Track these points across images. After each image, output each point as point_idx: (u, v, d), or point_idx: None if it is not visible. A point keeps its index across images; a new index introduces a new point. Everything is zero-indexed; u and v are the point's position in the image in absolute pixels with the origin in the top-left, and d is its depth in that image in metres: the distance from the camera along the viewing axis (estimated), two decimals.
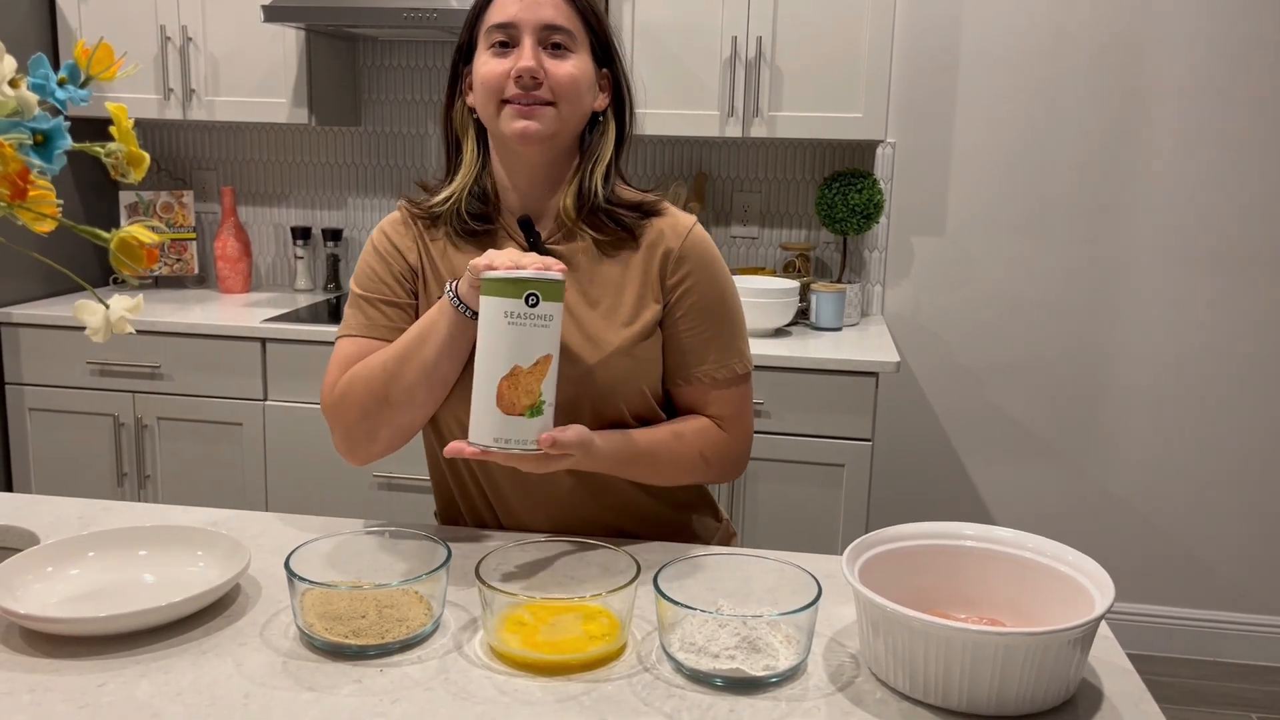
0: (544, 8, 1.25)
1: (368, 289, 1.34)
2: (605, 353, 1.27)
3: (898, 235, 3.01)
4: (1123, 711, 0.92)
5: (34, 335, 2.80)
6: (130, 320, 0.72)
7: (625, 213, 1.31)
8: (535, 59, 1.23)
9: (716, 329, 1.33)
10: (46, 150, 0.63)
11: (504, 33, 1.25)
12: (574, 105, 1.27)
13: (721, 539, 1.48)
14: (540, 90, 1.24)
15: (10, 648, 0.98)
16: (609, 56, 1.33)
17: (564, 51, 1.26)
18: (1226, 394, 2.93)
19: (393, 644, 0.99)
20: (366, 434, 1.27)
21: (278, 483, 2.76)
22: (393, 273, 1.34)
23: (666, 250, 1.31)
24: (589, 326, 1.28)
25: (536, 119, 1.24)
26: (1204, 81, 2.80)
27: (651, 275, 1.31)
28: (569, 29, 1.26)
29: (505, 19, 1.25)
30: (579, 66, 1.27)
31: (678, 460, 1.31)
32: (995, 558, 1.06)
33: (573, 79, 1.25)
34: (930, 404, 3.07)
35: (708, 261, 1.33)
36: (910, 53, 2.92)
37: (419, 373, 1.23)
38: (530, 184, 1.31)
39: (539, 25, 1.25)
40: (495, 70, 1.25)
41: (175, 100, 2.91)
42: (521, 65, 1.23)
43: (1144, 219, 2.89)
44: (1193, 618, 3.03)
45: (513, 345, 1.10)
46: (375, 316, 1.32)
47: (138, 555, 1.15)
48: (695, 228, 1.33)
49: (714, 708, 0.91)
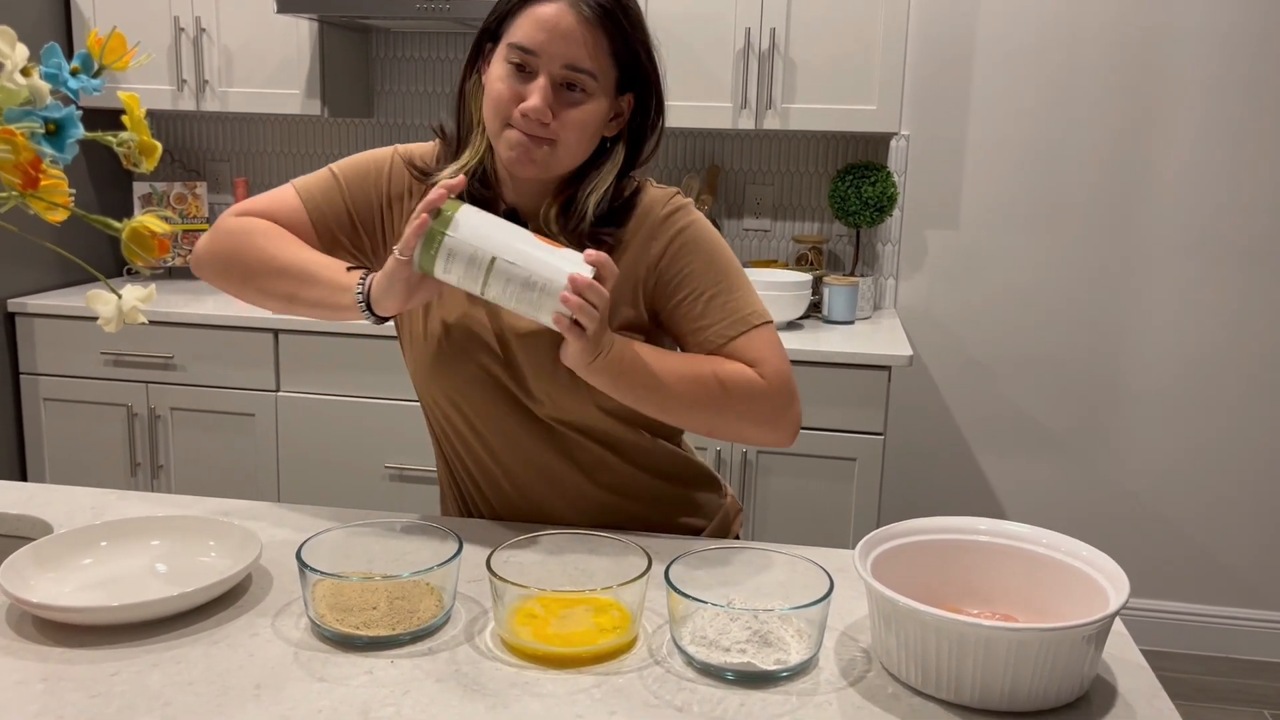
0: (574, 45, 1.16)
1: (349, 181, 1.31)
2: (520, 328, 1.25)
3: (911, 228, 3.00)
4: (1136, 708, 0.92)
5: (48, 325, 2.81)
6: (142, 310, 0.72)
7: (605, 234, 1.24)
8: (545, 100, 1.15)
9: (715, 289, 1.26)
10: (59, 139, 0.63)
11: (523, 56, 1.17)
12: (575, 148, 1.20)
13: (726, 517, 1.45)
14: (544, 130, 1.17)
15: (23, 636, 0.98)
16: (633, 83, 1.24)
17: (580, 95, 1.18)
18: (1242, 391, 2.91)
19: (403, 635, 0.99)
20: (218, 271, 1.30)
21: (290, 473, 2.77)
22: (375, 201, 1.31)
23: (646, 232, 1.26)
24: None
25: (534, 155, 1.18)
26: (1221, 75, 2.77)
27: (637, 264, 1.27)
28: (592, 71, 1.17)
29: (529, 43, 1.16)
30: (591, 112, 1.19)
31: (698, 381, 1.21)
32: (1009, 553, 1.05)
33: (580, 125, 1.18)
34: (943, 398, 3.06)
35: (690, 230, 1.27)
36: (925, 45, 2.90)
37: (285, 296, 1.24)
38: (526, 187, 1.27)
39: (562, 63, 1.16)
40: (504, 92, 1.18)
41: (189, 91, 2.92)
42: (528, 106, 1.15)
43: (1160, 214, 2.87)
44: (1206, 614, 3.02)
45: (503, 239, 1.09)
46: (330, 203, 1.30)
47: (150, 545, 1.15)
48: (673, 202, 1.28)
49: (725, 701, 0.91)
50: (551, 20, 1.15)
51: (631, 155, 1.27)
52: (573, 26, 1.15)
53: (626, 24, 1.19)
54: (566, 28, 1.15)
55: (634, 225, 1.27)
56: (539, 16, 1.16)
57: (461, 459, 1.35)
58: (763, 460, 2.55)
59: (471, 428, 1.31)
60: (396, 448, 2.70)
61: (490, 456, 1.32)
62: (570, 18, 1.16)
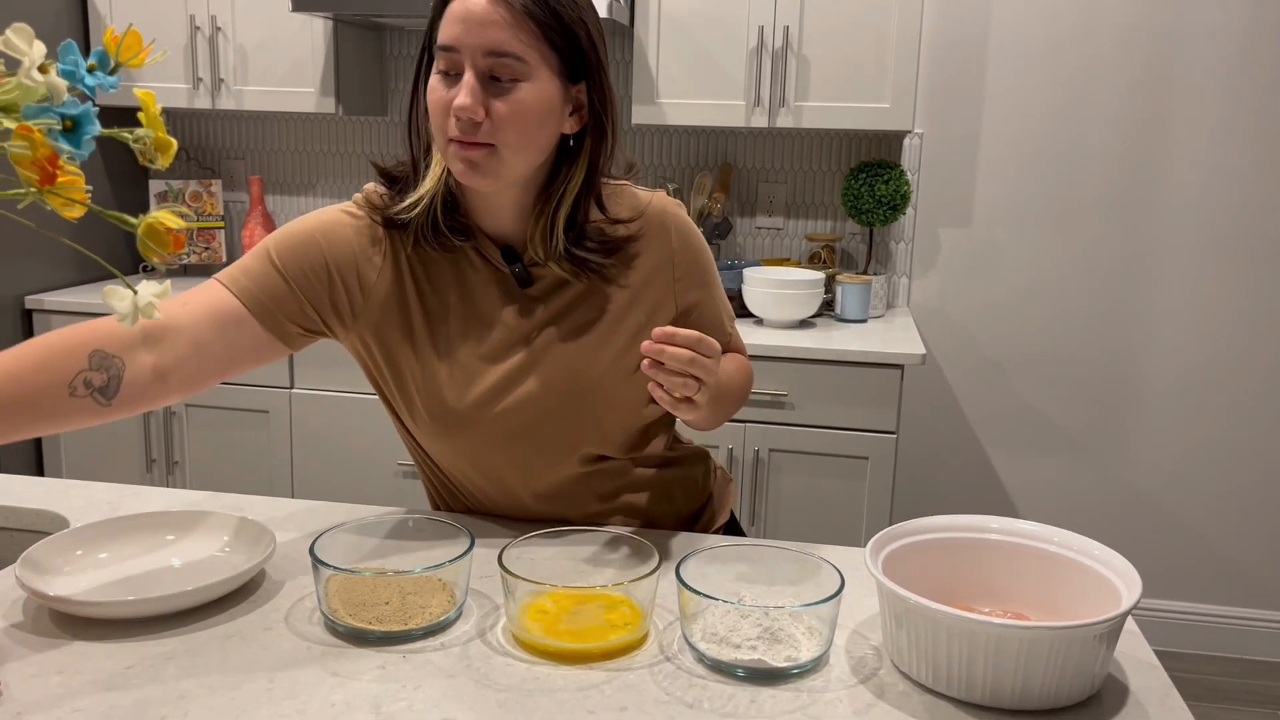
0: (490, 28, 1.07)
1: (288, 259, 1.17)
2: (600, 370, 1.22)
3: (924, 227, 2.99)
4: (1148, 707, 0.91)
5: (64, 322, 2.83)
6: (158, 306, 0.73)
7: (597, 260, 1.19)
8: (472, 96, 1.07)
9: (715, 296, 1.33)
10: (75, 136, 0.64)
11: (447, 56, 1.09)
12: (520, 145, 1.11)
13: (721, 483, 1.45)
14: (480, 130, 1.09)
15: (39, 630, 0.99)
16: (583, 71, 1.14)
17: (511, 83, 1.09)
18: (1254, 389, 2.90)
19: (415, 630, 0.99)
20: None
21: (303, 470, 2.78)
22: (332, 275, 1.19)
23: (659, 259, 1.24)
24: (578, 353, 1.22)
25: (477, 161, 1.10)
26: (1235, 72, 2.76)
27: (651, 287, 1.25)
28: (517, 53, 1.08)
29: (448, 39, 1.08)
30: (529, 97, 1.09)
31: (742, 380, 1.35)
32: (1020, 551, 1.05)
33: (516, 115, 1.09)
34: (955, 397, 3.05)
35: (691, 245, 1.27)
36: (938, 43, 2.89)
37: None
38: (497, 212, 1.20)
39: (483, 51, 1.07)
40: (438, 100, 1.11)
41: (204, 89, 2.93)
42: (456, 103, 1.07)
43: (1174, 212, 2.86)
44: (1218, 614, 3.00)
45: None
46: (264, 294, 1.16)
47: (165, 540, 1.16)
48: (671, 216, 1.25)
49: (735, 698, 0.91)
50: (467, 9, 1.08)
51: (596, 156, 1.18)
52: (487, 10, 1.07)
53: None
54: (481, 13, 1.07)
55: (641, 227, 1.24)
56: (453, 11, 1.09)
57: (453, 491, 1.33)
58: (774, 459, 2.55)
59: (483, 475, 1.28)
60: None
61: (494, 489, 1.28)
62: (483, 2, 1.07)
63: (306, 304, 1.18)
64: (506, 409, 1.21)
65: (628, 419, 1.26)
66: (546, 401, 1.21)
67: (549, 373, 1.21)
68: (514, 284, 1.22)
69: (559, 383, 1.21)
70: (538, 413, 1.22)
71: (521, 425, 1.22)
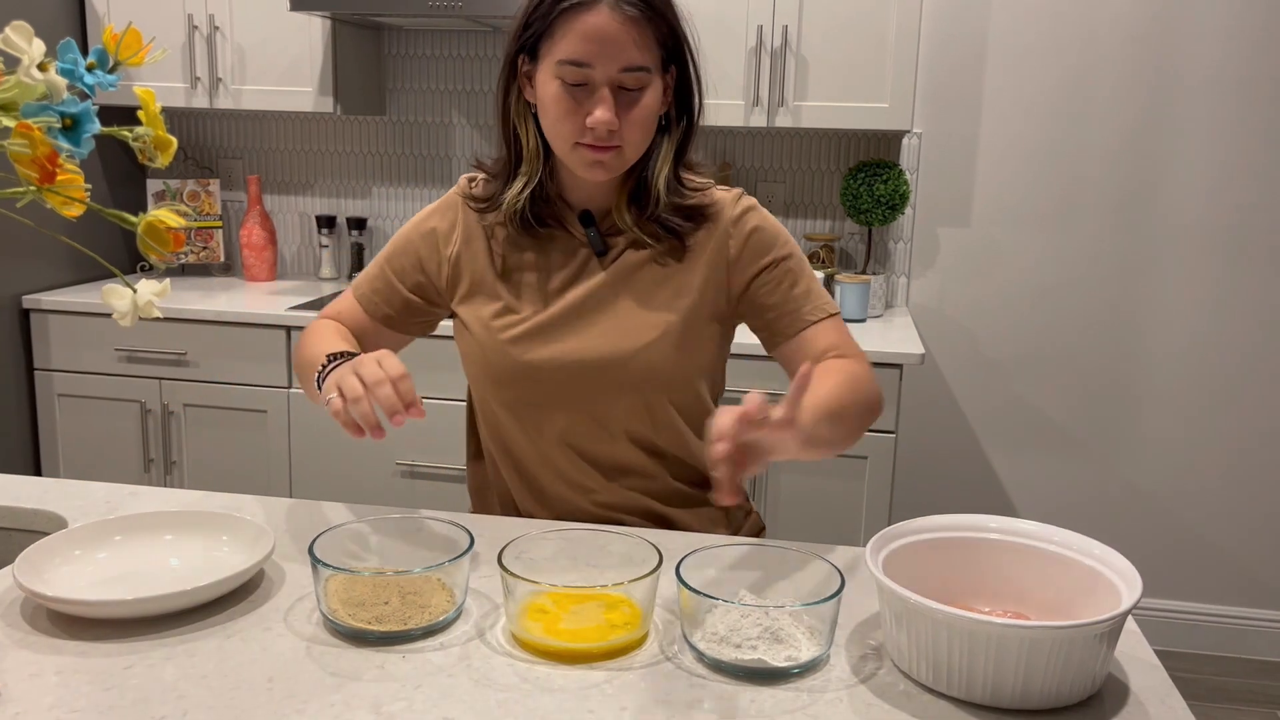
0: (624, 48, 1.17)
1: (393, 259, 1.38)
2: (652, 337, 1.28)
3: (923, 226, 2.99)
4: (1149, 707, 0.91)
5: (62, 322, 2.82)
6: (157, 305, 0.73)
7: (677, 221, 1.29)
8: (613, 112, 1.18)
9: (794, 279, 1.31)
10: (75, 134, 0.64)
11: (577, 71, 1.17)
12: (643, 144, 1.24)
13: (751, 531, 1.47)
14: (614, 137, 1.20)
15: (38, 630, 0.99)
16: (678, 58, 1.26)
17: (639, 93, 1.20)
18: (1254, 389, 2.90)
19: (415, 630, 0.99)
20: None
21: (301, 470, 2.77)
22: (423, 264, 1.36)
23: (717, 239, 1.30)
24: (637, 320, 1.29)
25: (608, 163, 1.22)
26: (1235, 72, 2.76)
27: (708, 263, 1.30)
28: (646, 65, 1.19)
29: (583, 57, 1.17)
30: (652, 101, 1.22)
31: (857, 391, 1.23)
32: (1020, 551, 1.05)
33: (645, 122, 1.22)
34: (955, 396, 3.05)
35: (759, 227, 1.31)
36: (937, 42, 2.89)
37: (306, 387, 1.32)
38: (594, 189, 1.31)
39: (618, 68, 1.17)
40: (567, 111, 1.19)
41: (202, 89, 2.93)
42: (599, 119, 1.17)
43: (1173, 211, 2.86)
44: (1218, 613, 3.00)
45: None
46: (375, 294, 1.38)
47: (163, 540, 1.16)
48: (741, 203, 1.32)
49: (735, 698, 0.91)
50: (600, 29, 1.16)
51: (685, 126, 1.29)
52: (620, 30, 1.16)
53: (662, 6, 1.21)
54: (615, 33, 1.16)
55: (710, 228, 1.31)
56: (586, 28, 1.16)
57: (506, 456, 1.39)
58: None
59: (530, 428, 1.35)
60: (408, 445, 2.71)
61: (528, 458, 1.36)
62: (616, 22, 1.17)
63: (411, 295, 1.37)
64: (563, 364, 1.28)
65: (676, 397, 1.31)
66: (598, 364, 1.28)
67: (604, 336, 1.28)
68: (588, 253, 1.31)
69: (611, 347, 1.28)
70: (589, 375, 1.28)
71: (575, 386, 1.29)
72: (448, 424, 2.65)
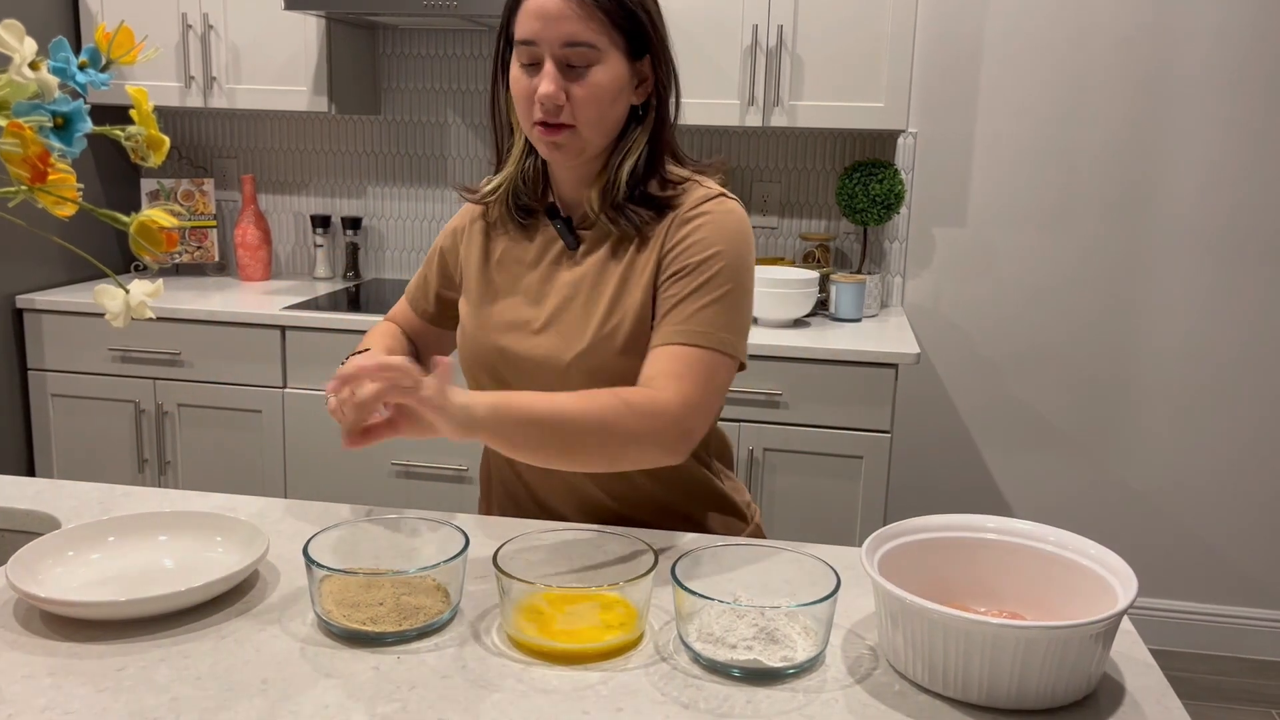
0: (565, 21, 1.19)
1: (429, 257, 1.48)
2: (612, 329, 1.26)
3: (918, 226, 2.99)
4: (1144, 707, 0.91)
5: (56, 322, 2.82)
6: (150, 306, 0.72)
7: (639, 210, 1.27)
8: (555, 83, 1.20)
9: (693, 294, 1.22)
10: (67, 133, 0.63)
11: (527, 50, 1.22)
12: (599, 121, 1.24)
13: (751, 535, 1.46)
14: (563, 114, 1.21)
15: (31, 631, 0.99)
16: (647, 46, 1.26)
17: (586, 69, 1.21)
18: (1249, 388, 2.90)
19: (410, 631, 0.99)
20: None
21: (296, 470, 2.77)
22: (445, 257, 1.45)
23: (665, 232, 1.27)
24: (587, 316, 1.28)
25: (561, 143, 1.23)
26: (1228, 71, 2.76)
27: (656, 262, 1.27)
28: (590, 41, 1.20)
29: (527, 34, 1.21)
30: (603, 78, 1.21)
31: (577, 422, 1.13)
32: (1016, 551, 1.05)
33: (592, 98, 1.21)
34: (950, 396, 3.05)
35: (709, 227, 1.25)
36: (933, 42, 2.89)
37: None
38: (569, 179, 1.33)
39: (559, 42, 1.20)
40: (522, 89, 1.24)
41: (196, 88, 2.92)
42: (541, 92, 1.20)
43: (1168, 210, 2.86)
44: (1213, 613, 3.01)
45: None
46: (417, 290, 1.50)
47: (158, 540, 1.16)
48: (711, 202, 1.27)
49: (731, 698, 0.91)
50: (540, 7, 1.20)
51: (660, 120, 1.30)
52: (561, 6, 1.20)
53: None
54: (556, 9, 1.20)
55: (670, 216, 1.29)
56: (530, 9, 1.21)
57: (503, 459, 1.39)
58: (769, 458, 2.55)
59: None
60: (403, 445, 2.70)
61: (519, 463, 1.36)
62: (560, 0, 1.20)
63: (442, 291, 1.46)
64: (529, 357, 1.30)
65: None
66: (553, 359, 1.29)
67: (564, 331, 1.29)
68: (563, 245, 1.33)
69: (566, 343, 1.29)
70: (549, 370, 1.29)
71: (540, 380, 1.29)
72: None
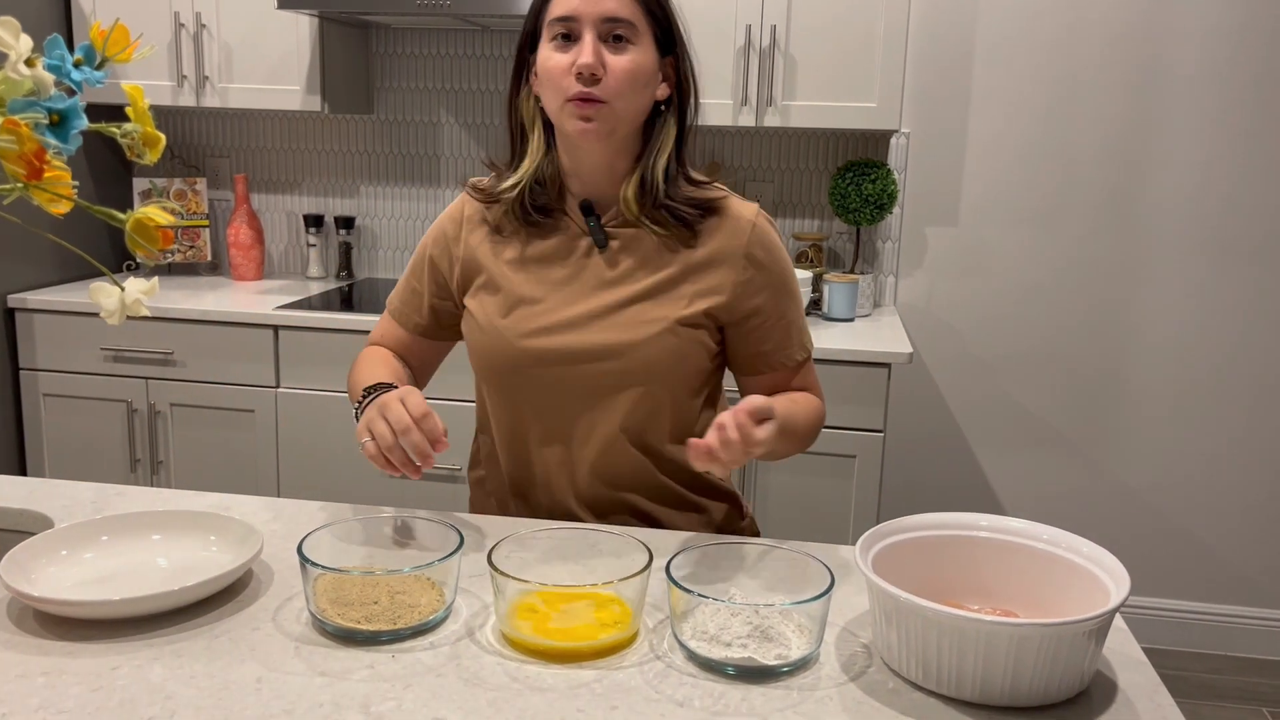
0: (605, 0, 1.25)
1: (414, 268, 1.45)
2: (652, 331, 1.29)
3: (911, 226, 3.00)
4: (1137, 704, 0.92)
5: (48, 321, 2.81)
6: (145, 303, 0.72)
7: (686, 210, 1.32)
8: (595, 54, 1.24)
9: (789, 316, 1.37)
10: (62, 130, 0.63)
11: (565, 25, 1.25)
12: (631, 100, 1.27)
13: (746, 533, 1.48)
14: (599, 88, 1.24)
15: (24, 630, 0.98)
16: (672, 44, 1.32)
17: (624, 44, 1.26)
18: (1242, 386, 2.91)
19: (404, 630, 0.99)
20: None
21: (289, 470, 2.76)
22: (435, 264, 1.41)
23: (731, 248, 1.33)
24: (638, 312, 1.31)
25: (595, 119, 1.25)
26: (1222, 71, 2.77)
27: (712, 270, 1.32)
28: (630, 20, 1.26)
29: (566, 11, 1.25)
30: (639, 59, 1.26)
31: (810, 420, 1.36)
32: (1010, 549, 1.05)
33: (630, 73, 1.25)
34: (943, 395, 3.06)
35: (774, 254, 1.35)
36: (925, 42, 2.90)
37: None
38: (593, 173, 1.33)
39: (600, 17, 1.24)
40: (557, 64, 1.25)
41: (189, 87, 2.91)
42: (581, 61, 1.23)
43: (1160, 209, 2.87)
44: (1206, 611, 3.02)
45: None
46: (404, 305, 1.45)
47: (151, 539, 1.15)
48: (758, 222, 1.35)
49: (726, 696, 0.91)
50: None
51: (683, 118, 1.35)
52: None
53: None
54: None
55: (717, 223, 1.34)
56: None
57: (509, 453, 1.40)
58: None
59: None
60: None
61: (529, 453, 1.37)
62: None
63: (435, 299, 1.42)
64: (562, 351, 1.31)
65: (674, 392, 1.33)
66: (599, 353, 1.30)
67: (606, 328, 1.30)
68: (589, 244, 1.34)
69: (612, 336, 1.30)
70: (590, 365, 1.30)
71: (575, 376, 1.31)
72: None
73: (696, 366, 1.34)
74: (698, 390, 1.37)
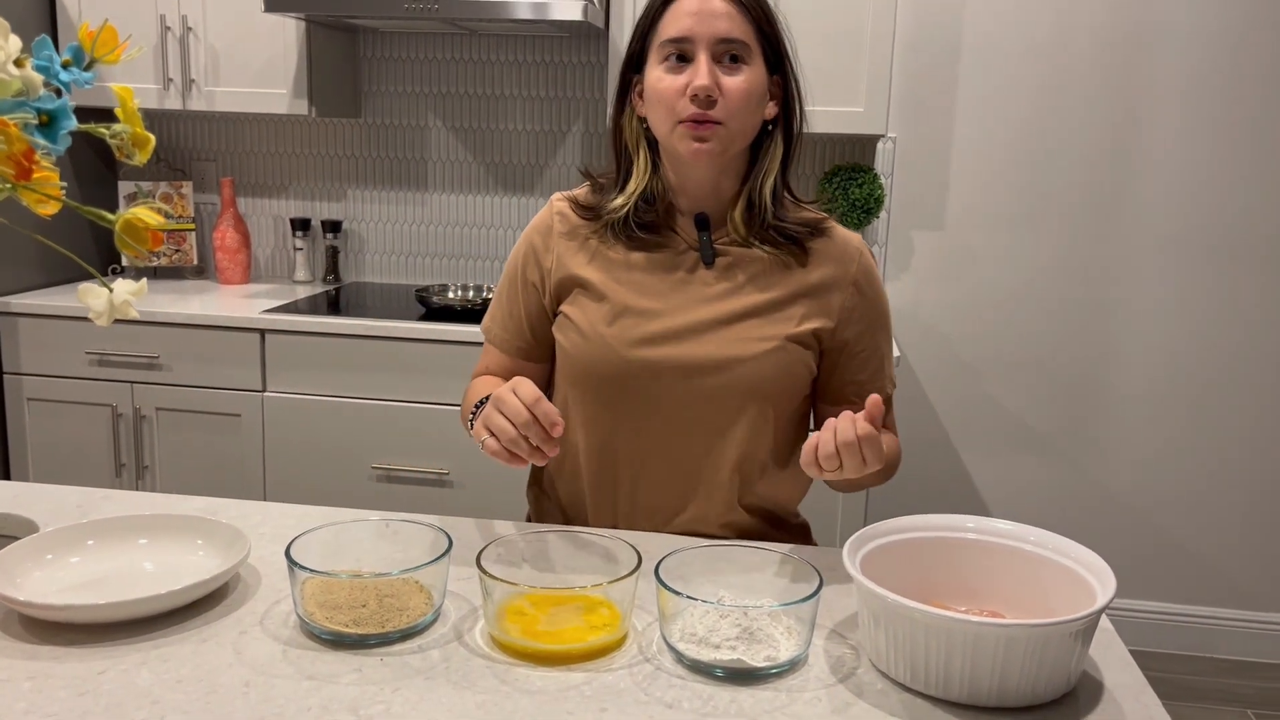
0: (719, 20, 1.25)
1: (506, 290, 1.43)
2: (764, 348, 1.30)
3: (898, 230, 3.01)
4: (1123, 704, 0.92)
5: (32, 325, 2.79)
6: (134, 305, 0.72)
7: (796, 229, 1.33)
8: (711, 76, 1.23)
9: (883, 350, 1.38)
10: (51, 131, 0.63)
11: (678, 46, 1.25)
12: (745, 120, 1.27)
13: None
14: (714, 109, 1.24)
15: (10, 635, 0.98)
16: (780, 62, 1.33)
17: (738, 64, 1.26)
18: (1225, 390, 2.93)
19: (393, 633, 0.99)
20: None
21: (276, 474, 2.75)
22: (528, 279, 1.40)
23: (840, 275, 1.34)
24: (749, 328, 1.31)
25: (710, 139, 1.25)
26: (1207, 77, 2.79)
27: (822, 293, 1.33)
28: (743, 39, 1.26)
29: (680, 33, 1.25)
30: (752, 79, 1.27)
31: (892, 458, 1.33)
32: (996, 550, 1.06)
33: (745, 93, 1.26)
34: (929, 398, 3.07)
35: (876, 287, 1.37)
36: (912, 46, 2.91)
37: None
38: (698, 190, 1.33)
39: (714, 38, 1.24)
40: (670, 86, 1.25)
41: (175, 90, 2.90)
42: (697, 84, 1.23)
43: (1145, 215, 2.89)
44: (1189, 613, 3.03)
45: None
46: (504, 330, 1.42)
47: (137, 543, 1.15)
48: (864, 252, 1.37)
49: (715, 698, 0.91)
50: (696, 5, 1.25)
51: (789, 139, 1.35)
52: (717, 4, 1.25)
53: (757, 2, 1.30)
54: (713, 8, 1.25)
55: (825, 246, 1.35)
56: (683, 7, 1.26)
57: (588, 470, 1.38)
58: None
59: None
60: (383, 448, 2.70)
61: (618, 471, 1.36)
62: (713, 0, 1.25)
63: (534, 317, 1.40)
64: (670, 363, 1.30)
65: (777, 405, 1.33)
66: (710, 367, 1.29)
67: (716, 341, 1.30)
68: (695, 258, 1.34)
69: (722, 349, 1.30)
70: (699, 377, 1.29)
71: (683, 388, 1.30)
72: (423, 427, 2.64)
73: (800, 387, 1.34)
74: (796, 414, 1.37)
